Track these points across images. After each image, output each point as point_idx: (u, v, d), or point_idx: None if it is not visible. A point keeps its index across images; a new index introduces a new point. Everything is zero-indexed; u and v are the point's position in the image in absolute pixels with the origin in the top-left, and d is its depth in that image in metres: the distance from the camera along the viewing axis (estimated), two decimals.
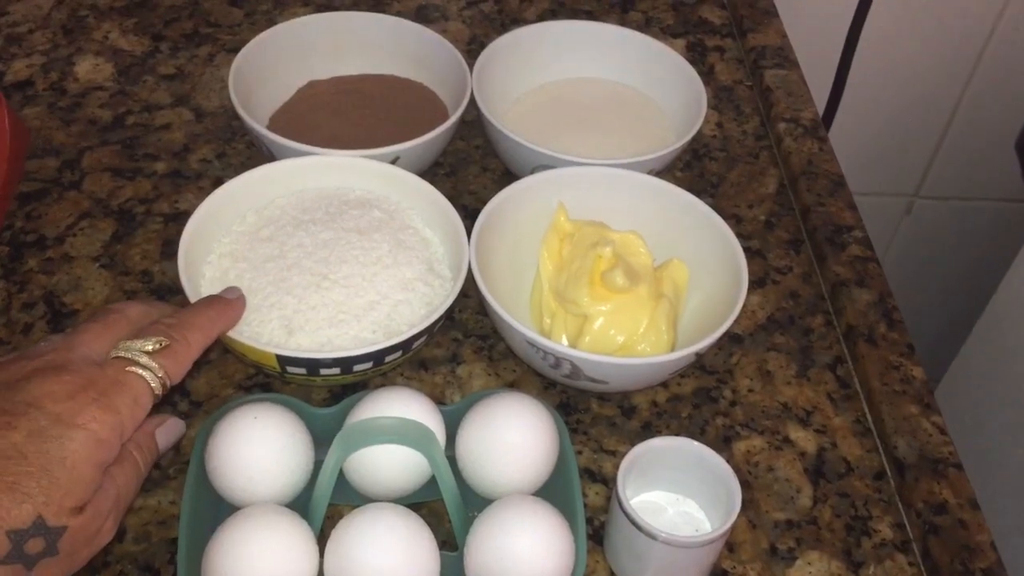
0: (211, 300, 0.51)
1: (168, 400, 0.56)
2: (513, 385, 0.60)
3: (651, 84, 0.73)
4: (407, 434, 0.46)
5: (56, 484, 0.39)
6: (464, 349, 0.61)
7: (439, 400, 0.58)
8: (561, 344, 0.59)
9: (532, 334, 0.52)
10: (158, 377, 0.45)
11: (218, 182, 0.69)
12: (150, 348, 0.45)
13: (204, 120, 0.74)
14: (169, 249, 0.64)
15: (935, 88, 1.04)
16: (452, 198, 0.69)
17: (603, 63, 0.74)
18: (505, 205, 0.60)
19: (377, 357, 0.52)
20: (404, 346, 0.52)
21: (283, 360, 0.51)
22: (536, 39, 0.73)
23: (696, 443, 0.50)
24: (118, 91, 0.75)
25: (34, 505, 0.39)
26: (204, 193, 0.68)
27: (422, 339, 0.54)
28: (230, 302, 0.52)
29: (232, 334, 0.51)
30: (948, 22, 0.99)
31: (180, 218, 0.66)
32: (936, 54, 1.01)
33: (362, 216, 0.59)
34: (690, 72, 0.70)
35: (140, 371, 0.44)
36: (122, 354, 0.44)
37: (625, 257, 0.59)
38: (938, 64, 1.02)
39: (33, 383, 0.41)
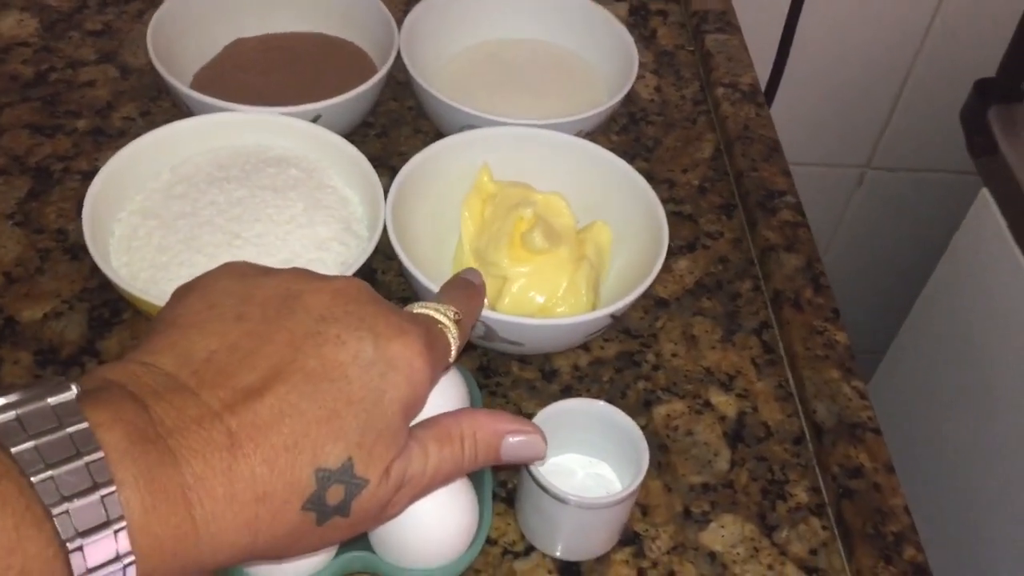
0: (470, 283, 0.44)
1: (76, 360, 0.55)
2: None
3: (586, 46, 0.72)
4: None
5: (372, 424, 0.33)
6: None
7: None
8: None
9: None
10: (455, 345, 0.39)
11: None
12: (451, 315, 0.39)
13: (130, 77, 0.72)
14: None
15: (885, 57, 1.04)
16: (381, 159, 0.68)
17: (539, 23, 0.73)
18: (427, 165, 0.59)
19: None
20: None
21: None
22: None
23: (603, 403, 0.50)
24: (42, 47, 0.73)
25: (347, 444, 0.32)
26: None
27: None
28: (479, 288, 0.45)
29: (139, 293, 0.50)
30: None
31: None
32: (885, 23, 1.00)
33: (278, 174, 0.58)
34: (624, 34, 0.69)
35: (446, 331, 0.38)
36: (427, 311, 0.39)
37: (547, 219, 0.59)
38: (887, 33, 1.01)
39: (368, 303, 0.35)
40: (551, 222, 0.59)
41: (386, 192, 0.57)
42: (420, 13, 0.68)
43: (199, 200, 0.56)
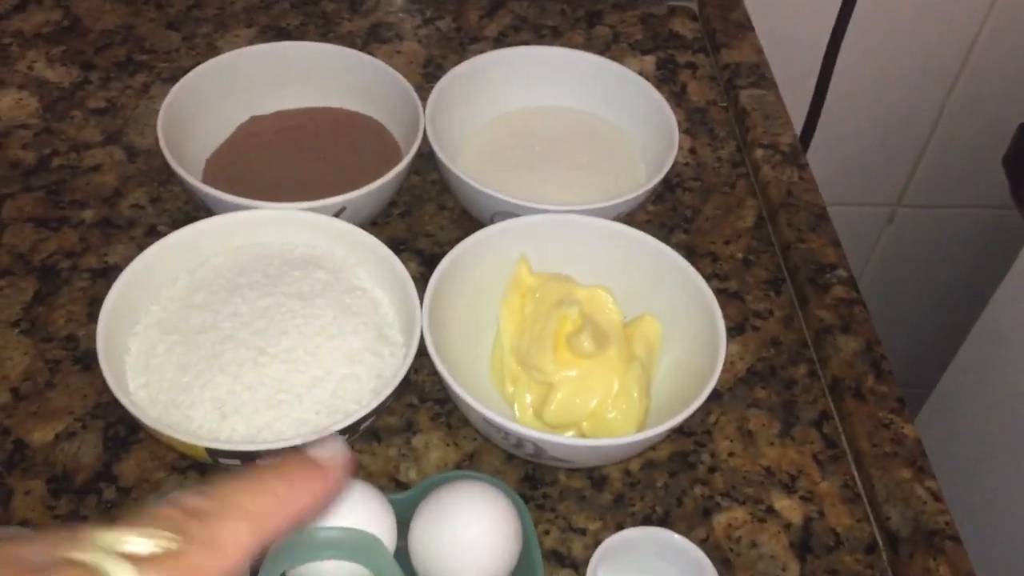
0: (285, 467, 0.28)
1: (92, 487, 0.51)
2: (473, 456, 0.55)
3: (619, 113, 0.68)
4: (350, 546, 0.41)
5: None
6: (420, 416, 0.56)
7: (393, 476, 0.53)
8: (527, 408, 0.54)
9: (491, 414, 0.48)
10: None
11: (151, 230, 0.64)
12: (137, 549, 0.24)
13: (137, 159, 0.68)
14: (97, 310, 0.59)
15: (918, 95, 1.00)
16: (407, 241, 0.64)
17: (567, 91, 0.69)
18: (461, 261, 0.55)
19: None
20: (349, 430, 0.47)
21: (214, 453, 0.46)
22: (494, 67, 0.67)
23: (670, 533, 0.46)
24: (43, 129, 0.69)
25: None
26: (135, 244, 0.63)
27: (370, 420, 0.49)
28: (320, 472, 0.29)
29: (155, 424, 0.46)
30: (931, 30, 0.95)
31: (109, 273, 0.60)
32: (919, 62, 0.97)
33: (304, 278, 0.54)
34: (661, 102, 0.65)
35: None
36: (78, 555, 0.24)
37: (592, 316, 0.55)
38: (921, 72, 0.97)
39: None
40: (597, 319, 0.55)
41: (415, 283, 0.53)
42: (444, 86, 0.64)
43: (220, 311, 0.52)
